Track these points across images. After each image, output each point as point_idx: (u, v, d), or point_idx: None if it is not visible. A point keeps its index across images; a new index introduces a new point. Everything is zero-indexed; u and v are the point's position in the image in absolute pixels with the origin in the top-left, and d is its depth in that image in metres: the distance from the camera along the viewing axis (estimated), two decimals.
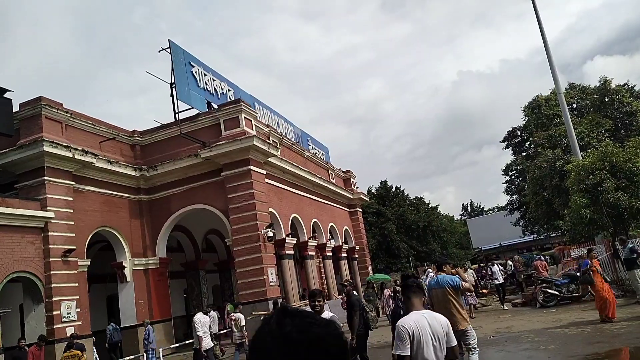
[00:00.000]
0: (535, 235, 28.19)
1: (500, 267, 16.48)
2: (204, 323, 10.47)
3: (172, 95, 14.90)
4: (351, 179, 27.26)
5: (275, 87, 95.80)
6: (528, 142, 25.78)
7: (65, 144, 12.71)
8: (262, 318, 0.97)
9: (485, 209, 63.06)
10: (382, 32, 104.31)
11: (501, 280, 15.13)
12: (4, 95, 12.18)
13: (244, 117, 15.16)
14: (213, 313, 15.49)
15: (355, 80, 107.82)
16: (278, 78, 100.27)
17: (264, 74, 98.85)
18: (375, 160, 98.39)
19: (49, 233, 12.18)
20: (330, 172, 24.33)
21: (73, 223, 12.89)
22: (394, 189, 42.80)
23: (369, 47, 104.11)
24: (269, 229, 14.52)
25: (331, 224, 22.67)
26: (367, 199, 29.22)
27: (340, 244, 23.38)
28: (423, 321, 2.76)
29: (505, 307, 14.03)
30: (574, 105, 23.22)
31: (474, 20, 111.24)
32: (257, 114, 16.57)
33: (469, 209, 64.11)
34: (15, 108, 12.68)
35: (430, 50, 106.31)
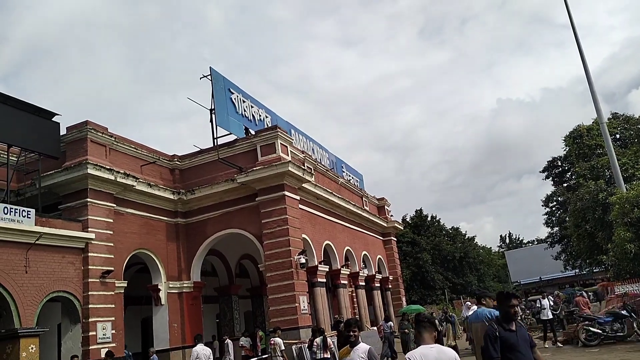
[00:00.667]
0: (577, 270, 27.33)
1: (551, 302, 15.56)
2: (202, 356, 9.99)
3: (211, 121, 15.30)
4: (385, 206, 27.03)
5: (311, 113, 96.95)
6: (569, 173, 25.34)
7: (108, 167, 13.05)
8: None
9: (525, 241, 61.60)
10: (420, 58, 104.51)
11: (550, 316, 14.25)
12: (52, 119, 12.67)
13: (280, 143, 15.26)
14: (215, 342, 15.13)
15: (391, 106, 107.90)
16: (315, 104, 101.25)
17: (300, 100, 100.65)
18: (410, 188, 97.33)
19: (89, 254, 12.41)
20: (364, 199, 24.21)
21: (112, 244, 13.10)
22: (429, 218, 42.37)
23: (406, 74, 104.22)
24: (301, 256, 14.46)
25: (364, 252, 22.44)
26: (402, 228, 28.89)
27: (374, 273, 23.06)
28: (429, 354, 2.91)
29: (547, 345, 13.47)
30: (617, 136, 22.78)
31: (513, 48, 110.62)
32: (292, 140, 16.57)
33: (508, 241, 62.77)
34: (63, 131, 13.15)
35: (468, 77, 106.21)
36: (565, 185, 25.49)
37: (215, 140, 15.39)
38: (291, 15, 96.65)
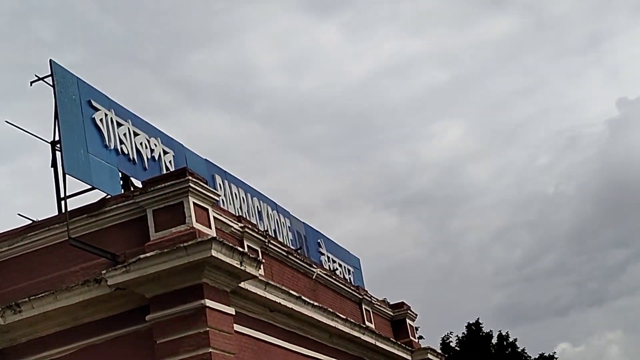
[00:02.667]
0: None
1: None
2: None
3: (54, 164, 14.10)
4: (408, 320, 24.55)
5: (257, 140, 74.04)
6: None
7: None
8: None
9: None
10: (464, 30, 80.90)
11: None
12: None
13: (194, 204, 13.08)
14: None
15: (411, 123, 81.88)
16: (264, 123, 75.92)
17: (236, 115, 76.62)
18: (455, 282, 76.83)
19: None
20: (364, 307, 21.96)
21: None
22: (495, 338, 38.33)
23: (439, 59, 79.90)
24: None
25: None
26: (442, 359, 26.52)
27: None
28: None
29: None
30: None
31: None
32: (219, 195, 15.01)
33: None
34: None
35: (556, 62, 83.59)
36: None
37: (63, 202, 13.42)
38: None
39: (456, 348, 37.77)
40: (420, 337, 26.49)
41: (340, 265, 23.24)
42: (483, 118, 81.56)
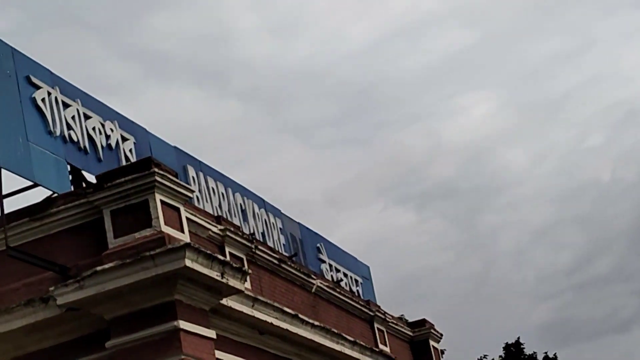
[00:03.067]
0: None
1: None
2: None
3: None
4: (430, 341, 23.93)
5: (236, 121, 70.13)
6: None
7: None
8: None
9: None
10: None
11: None
12: None
13: (161, 202, 12.39)
14: None
15: (430, 95, 77.93)
16: (243, 100, 72.12)
17: (212, 90, 72.35)
18: (486, 292, 73.18)
19: None
20: (377, 325, 21.32)
21: None
22: None
23: (459, 13, 76.63)
24: None
25: None
26: None
27: None
28: None
29: None
30: None
31: None
32: (193, 191, 14.35)
33: None
34: None
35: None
36: None
37: None
38: None
39: None
40: None
41: (345, 275, 22.67)
42: (519, 89, 73.02)
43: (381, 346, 20.65)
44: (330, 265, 21.78)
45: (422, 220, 69.69)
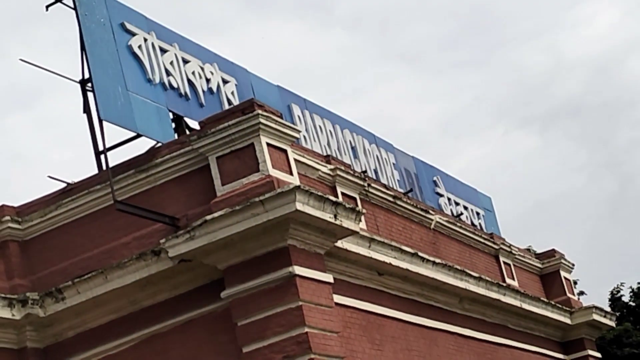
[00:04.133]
0: None
1: None
2: None
3: (85, 109, 13.40)
4: (561, 272, 23.45)
5: (342, 51, 65.25)
6: None
7: None
8: None
9: None
10: None
11: None
12: None
13: (268, 145, 12.38)
14: None
15: (549, 6, 75.91)
16: (348, 29, 68.26)
17: (312, 23, 67.37)
18: (621, 215, 67.44)
19: None
20: (503, 259, 21.10)
21: None
22: None
23: None
24: None
25: None
26: (612, 323, 24.85)
27: None
28: None
29: None
30: None
31: None
32: (299, 131, 14.23)
33: None
34: None
35: None
36: None
37: (102, 157, 12.96)
38: None
39: (630, 304, 35.31)
40: (581, 293, 25.77)
41: (466, 209, 22.36)
42: None
43: (508, 280, 20.42)
44: (449, 199, 21.57)
45: (547, 144, 67.02)
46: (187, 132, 13.94)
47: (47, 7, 12.87)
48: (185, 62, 14.44)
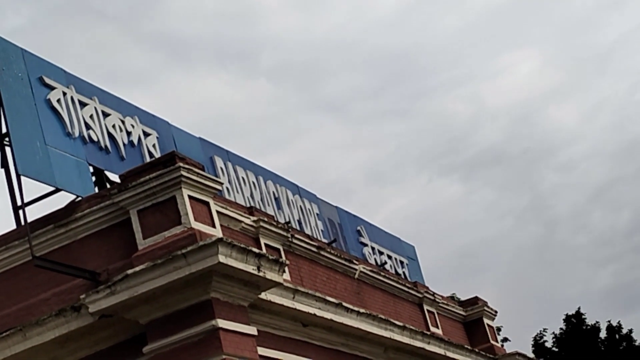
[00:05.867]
0: None
1: None
2: None
3: (3, 164, 13.49)
4: (485, 319, 23.84)
5: (266, 102, 66.58)
6: None
7: None
8: None
9: None
10: None
11: None
12: None
13: (190, 198, 12.43)
14: None
15: (470, 57, 74.47)
16: (272, 80, 70.12)
17: (236, 74, 68.24)
18: (541, 261, 67.45)
19: None
20: (427, 307, 21.36)
21: None
22: (603, 331, 36.48)
23: None
24: None
25: None
26: None
27: None
28: None
29: None
30: None
31: None
32: (221, 183, 14.20)
33: None
34: None
35: None
36: None
37: (20, 212, 12.93)
38: None
39: (553, 349, 35.98)
40: (505, 340, 26.03)
41: (390, 258, 22.51)
42: (564, 43, 69.80)
43: (432, 329, 20.53)
44: (373, 248, 21.70)
45: (470, 191, 68.19)
46: (108, 186, 13.77)
47: None
48: (106, 115, 14.36)
